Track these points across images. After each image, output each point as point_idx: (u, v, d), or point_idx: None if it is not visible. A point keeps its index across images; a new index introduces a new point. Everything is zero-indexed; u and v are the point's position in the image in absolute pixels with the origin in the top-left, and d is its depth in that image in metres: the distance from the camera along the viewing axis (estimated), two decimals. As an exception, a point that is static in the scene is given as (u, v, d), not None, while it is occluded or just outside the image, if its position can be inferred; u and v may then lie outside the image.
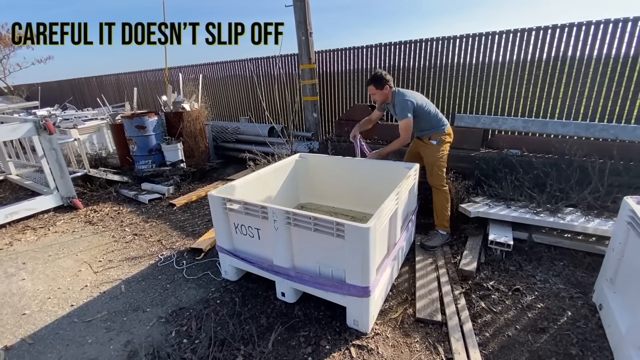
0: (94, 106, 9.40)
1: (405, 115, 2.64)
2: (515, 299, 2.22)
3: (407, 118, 2.64)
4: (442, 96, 4.64)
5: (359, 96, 5.35)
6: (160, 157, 5.07)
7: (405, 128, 2.67)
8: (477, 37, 4.24)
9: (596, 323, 1.97)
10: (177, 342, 1.98)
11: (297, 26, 4.99)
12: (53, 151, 3.97)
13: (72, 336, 2.09)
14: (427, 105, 2.77)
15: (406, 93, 2.73)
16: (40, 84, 12.29)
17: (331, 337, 1.96)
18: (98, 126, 6.14)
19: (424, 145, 2.87)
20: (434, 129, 2.80)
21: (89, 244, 3.28)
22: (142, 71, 8.99)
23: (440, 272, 2.48)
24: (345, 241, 1.78)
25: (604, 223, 2.56)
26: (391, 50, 4.85)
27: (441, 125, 2.82)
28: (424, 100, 2.80)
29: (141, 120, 4.83)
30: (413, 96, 2.73)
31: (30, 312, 2.34)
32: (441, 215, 2.87)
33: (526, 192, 3.01)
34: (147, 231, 3.48)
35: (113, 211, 4.04)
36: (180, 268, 2.77)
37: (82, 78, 11.18)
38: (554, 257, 2.62)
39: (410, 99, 2.67)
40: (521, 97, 4.12)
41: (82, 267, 2.86)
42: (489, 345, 1.87)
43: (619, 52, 3.55)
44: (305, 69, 5.23)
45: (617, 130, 3.30)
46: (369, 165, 2.94)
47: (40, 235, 3.51)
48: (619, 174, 2.96)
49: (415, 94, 2.79)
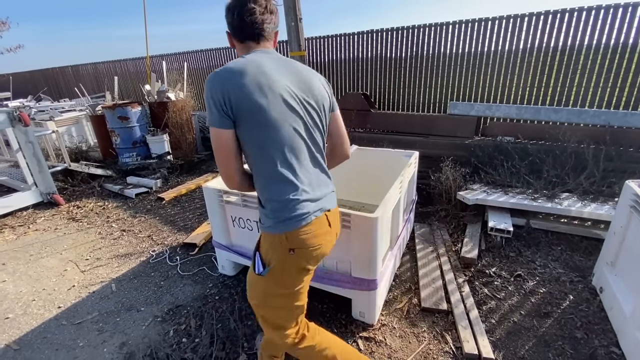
0: (71, 97, 8.95)
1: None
2: (518, 284, 2.23)
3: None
4: (434, 84, 4.61)
5: (351, 84, 5.26)
6: (145, 149, 4.86)
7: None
8: (469, 23, 4.19)
9: (597, 306, 2.00)
10: (176, 341, 1.89)
11: (287, 12, 4.81)
12: (29, 144, 3.72)
13: (61, 340, 1.97)
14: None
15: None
16: (12, 74, 11.58)
17: (337, 330, 1.91)
18: (77, 118, 5.82)
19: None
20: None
21: (73, 241, 3.11)
22: (122, 60, 8.58)
23: (442, 261, 2.46)
24: (351, 232, 1.72)
25: (600, 207, 2.60)
26: (383, 36, 4.76)
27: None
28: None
29: (124, 110, 4.60)
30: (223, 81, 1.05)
31: (14, 315, 2.18)
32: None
33: (523, 179, 3.03)
34: (136, 227, 3.33)
35: (98, 207, 3.85)
36: (174, 264, 2.65)
37: (56, 68, 10.59)
38: (551, 242, 2.65)
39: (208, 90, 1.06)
40: (513, 85, 4.13)
41: (68, 267, 2.70)
42: (496, 331, 1.87)
43: (609, 40, 3.57)
44: (296, 57, 5.07)
45: (608, 116, 3.34)
46: (367, 154, 2.88)
47: (19, 233, 3.31)
48: (611, 159, 3.00)
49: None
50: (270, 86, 1.05)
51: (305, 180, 1.13)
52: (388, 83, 4.93)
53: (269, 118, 1.05)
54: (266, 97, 1.04)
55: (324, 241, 1.18)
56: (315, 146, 1.18)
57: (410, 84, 4.76)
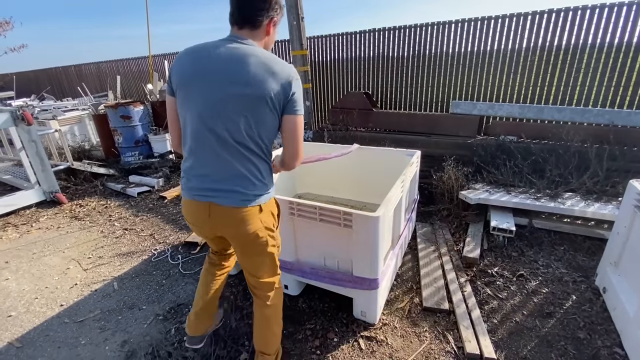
0: (73, 96, 8.98)
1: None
2: (520, 284, 2.21)
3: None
4: (437, 83, 4.59)
5: (353, 83, 5.25)
6: (147, 148, 4.88)
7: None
8: (472, 22, 4.17)
9: (601, 306, 1.98)
10: (178, 340, 1.89)
11: (288, 10, 4.81)
12: (32, 143, 3.74)
13: (63, 338, 1.97)
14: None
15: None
16: (15, 73, 11.64)
17: (338, 329, 1.91)
18: (79, 117, 5.85)
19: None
20: None
21: (76, 240, 3.12)
22: (124, 59, 8.61)
23: (443, 260, 2.45)
24: (353, 231, 1.71)
25: (603, 207, 2.58)
26: (385, 35, 4.75)
27: None
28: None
29: (126, 110, 4.61)
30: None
31: (16, 313, 2.20)
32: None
33: (526, 178, 3.01)
34: (138, 225, 3.34)
35: (100, 205, 3.86)
36: (176, 263, 2.66)
37: (59, 67, 10.65)
38: (554, 242, 2.63)
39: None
40: (516, 84, 4.11)
41: (70, 265, 2.71)
42: (498, 331, 1.86)
43: (613, 38, 3.55)
44: (297, 55, 5.07)
45: (612, 115, 3.32)
46: (368, 153, 2.87)
47: (22, 232, 3.32)
48: (615, 158, 2.98)
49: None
50: (199, 71, 1.16)
51: (197, 164, 1.24)
52: (390, 82, 4.92)
53: (186, 99, 1.19)
54: (190, 79, 1.17)
55: (198, 224, 1.35)
56: (222, 139, 1.17)
57: (413, 83, 4.75)
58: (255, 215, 1.27)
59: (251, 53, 1.16)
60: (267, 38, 1.27)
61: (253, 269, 1.44)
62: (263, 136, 1.23)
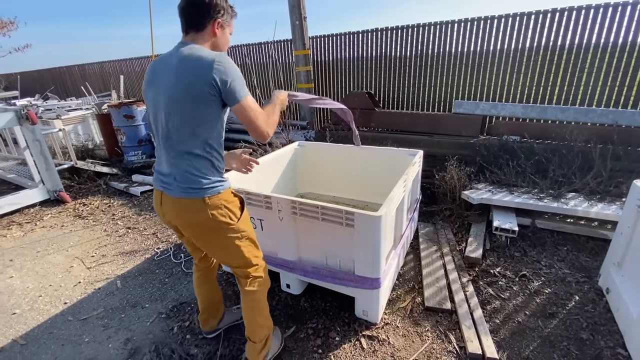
0: (77, 96, 9.03)
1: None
2: (523, 284, 2.21)
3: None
4: (439, 83, 4.57)
5: (355, 83, 5.24)
6: (150, 147, 4.89)
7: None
8: (475, 21, 4.16)
9: (604, 307, 1.98)
10: (181, 338, 1.90)
11: (291, 10, 4.82)
12: (37, 142, 3.77)
13: (67, 335, 1.99)
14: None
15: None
16: (20, 73, 11.71)
17: (340, 328, 1.91)
18: (83, 116, 5.88)
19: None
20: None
21: (79, 238, 3.14)
22: (128, 59, 8.64)
23: (445, 260, 2.45)
24: (355, 231, 1.72)
25: (607, 207, 2.56)
26: (387, 35, 4.74)
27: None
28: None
29: (129, 109, 4.63)
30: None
31: (20, 311, 2.22)
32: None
33: (529, 178, 3.00)
34: (141, 224, 3.35)
35: (103, 204, 3.89)
36: (178, 261, 2.67)
37: (63, 67, 10.70)
38: (557, 242, 2.62)
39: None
40: (519, 84, 4.09)
41: (74, 263, 2.73)
42: (500, 331, 1.85)
43: (617, 38, 3.52)
44: (300, 55, 5.08)
45: (616, 115, 3.30)
46: (370, 153, 2.87)
47: (26, 230, 3.35)
48: (619, 158, 2.96)
49: None
50: (153, 78, 1.32)
51: (157, 160, 1.42)
52: (392, 82, 4.91)
53: (148, 102, 1.36)
54: (150, 86, 1.33)
55: (159, 213, 1.45)
56: (164, 138, 1.30)
57: (415, 82, 4.73)
58: (200, 207, 1.31)
59: (187, 54, 1.23)
60: (215, 39, 1.33)
61: (220, 259, 1.61)
62: (201, 132, 1.27)
